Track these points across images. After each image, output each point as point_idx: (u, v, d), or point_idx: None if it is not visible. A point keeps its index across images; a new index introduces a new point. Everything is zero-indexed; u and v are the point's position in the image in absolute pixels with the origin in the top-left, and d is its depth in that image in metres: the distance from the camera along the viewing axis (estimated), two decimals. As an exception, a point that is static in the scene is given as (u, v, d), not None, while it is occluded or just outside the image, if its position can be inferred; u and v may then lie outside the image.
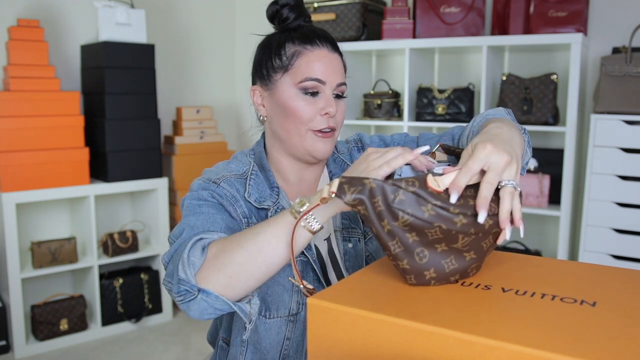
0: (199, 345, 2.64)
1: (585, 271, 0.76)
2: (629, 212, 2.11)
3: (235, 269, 0.76)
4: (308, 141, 0.96)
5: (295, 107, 0.95)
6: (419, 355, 0.57)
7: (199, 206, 0.91)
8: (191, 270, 0.77)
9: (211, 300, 0.76)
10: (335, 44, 1.00)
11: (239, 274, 0.77)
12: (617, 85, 2.10)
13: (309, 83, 0.94)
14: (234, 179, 0.97)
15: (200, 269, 0.77)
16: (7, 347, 2.49)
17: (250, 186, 0.97)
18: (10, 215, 2.42)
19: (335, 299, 0.65)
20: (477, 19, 2.45)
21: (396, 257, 0.69)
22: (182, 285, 0.77)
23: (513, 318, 0.59)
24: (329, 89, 0.96)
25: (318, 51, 0.96)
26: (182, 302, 0.78)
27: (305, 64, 0.95)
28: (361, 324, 0.61)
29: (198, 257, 0.78)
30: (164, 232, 2.87)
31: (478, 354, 0.54)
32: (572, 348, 0.51)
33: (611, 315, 0.60)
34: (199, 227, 0.86)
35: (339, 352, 0.63)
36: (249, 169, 1.00)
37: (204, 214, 0.89)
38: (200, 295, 0.76)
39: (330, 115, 0.95)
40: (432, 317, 0.59)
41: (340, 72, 0.98)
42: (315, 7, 2.68)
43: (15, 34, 2.45)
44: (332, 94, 0.96)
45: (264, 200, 0.97)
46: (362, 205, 0.68)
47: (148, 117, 2.77)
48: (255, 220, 0.95)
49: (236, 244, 0.78)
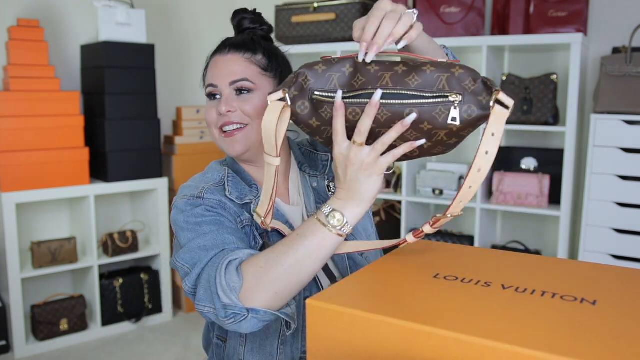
0: (199, 345, 2.64)
1: (585, 270, 0.76)
2: (629, 212, 2.11)
3: (280, 286, 0.81)
4: (220, 143, 1.03)
5: (205, 113, 1.04)
6: (418, 356, 0.57)
7: (199, 225, 0.93)
8: (234, 294, 0.81)
9: (261, 315, 0.81)
10: (237, 45, 1.02)
11: (284, 289, 0.82)
12: (617, 85, 2.10)
13: (207, 89, 1.02)
14: (214, 187, 0.99)
15: (242, 291, 0.81)
16: (7, 347, 2.49)
17: (230, 186, 1.00)
18: (10, 215, 2.42)
19: (335, 299, 0.65)
20: (477, 19, 2.45)
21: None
22: (229, 309, 0.81)
23: (513, 317, 0.59)
24: (226, 89, 1.00)
25: (214, 59, 1.03)
26: (232, 323, 0.82)
27: (207, 74, 1.04)
28: (360, 325, 0.61)
29: (237, 281, 0.81)
30: (164, 232, 2.87)
31: (477, 354, 0.54)
32: (571, 348, 0.51)
33: (611, 314, 0.60)
34: (212, 247, 0.88)
35: (339, 353, 0.63)
36: (224, 175, 1.03)
37: (207, 233, 0.91)
38: (251, 314, 0.81)
39: (220, 113, 0.99)
40: (432, 317, 0.59)
41: (238, 70, 1.00)
42: (315, 7, 2.68)
43: (15, 34, 2.45)
44: (232, 93, 1.00)
45: (245, 196, 1.00)
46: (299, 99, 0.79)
47: (148, 117, 2.77)
48: (247, 215, 0.99)
49: (275, 264, 0.81)
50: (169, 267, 2.93)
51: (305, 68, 0.79)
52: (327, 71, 0.78)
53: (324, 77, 0.78)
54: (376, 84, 0.74)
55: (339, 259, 1.04)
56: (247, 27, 1.07)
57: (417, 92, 0.72)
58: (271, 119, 0.77)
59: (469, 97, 0.71)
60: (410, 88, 0.73)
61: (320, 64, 0.78)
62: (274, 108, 0.78)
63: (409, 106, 0.72)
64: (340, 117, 0.77)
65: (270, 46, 1.05)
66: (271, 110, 0.78)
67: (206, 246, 0.89)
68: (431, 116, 0.72)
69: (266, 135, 0.78)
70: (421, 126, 0.73)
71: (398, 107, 0.73)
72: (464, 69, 0.72)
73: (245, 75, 0.99)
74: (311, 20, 2.66)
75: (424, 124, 0.73)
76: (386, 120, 0.74)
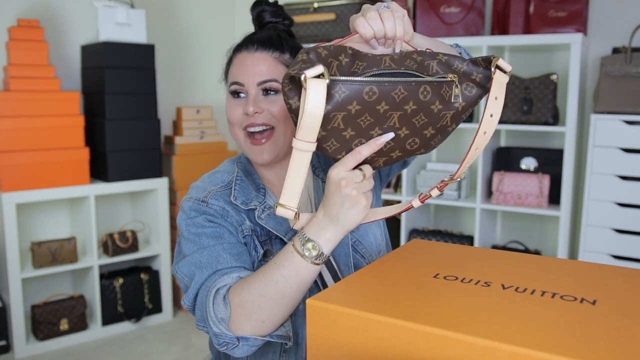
0: (199, 345, 2.64)
1: (585, 269, 0.76)
2: (629, 212, 2.11)
3: (265, 315, 0.82)
4: (245, 147, 1.00)
5: (226, 110, 1.00)
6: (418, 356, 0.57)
7: (198, 236, 0.94)
8: (223, 325, 0.83)
9: (251, 342, 0.83)
10: (264, 42, 0.99)
11: (270, 317, 0.82)
12: (617, 85, 2.10)
13: (232, 87, 0.99)
14: (220, 191, 0.99)
15: (230, 320, 0.83)
16: (7, 347, 2.49)
17: (236, 190, 0.99)
18: (10, 215, 2.42)
19: (335, 299, 0.65)
20: (477, 19, 2.45)
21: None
22: (220, 338, 0.83)
23: (513, 317, 0.59)
24: (252, 89, 0.97)
25: (240, 55, 0.99)
26: (226, 350, 0.84)
27: (231, 70, 1.00)
28: (360, 325, 0.61)
29: (224, 312, 0.83)
30: (164, 232, 2.88)
31: (477, 354, 0.54)
32: (571, 348, 0.51)
33: (611, 314, 0.60)
34: (207, 266, 0.90)
35: (339, 353, 0.63)
36: (233, 177, 1.02)
37: (206, 248, 0.92)
38: (241, 342, 0.83)
39: (248, 114, 0.95)
40: (432, 317, 0.59)
41: (266, 70, 0.97)
42: (315, 7, 2.68)
43: (15, 34, 2.45)
44: (259, 93, 0.97)
45: (250, 201, 0.99)
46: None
47: (148, 117, 2.77)
48: (248, 224, 0.97)
49: (257, 294, 0.82)
50: (169, 267, 2.93)
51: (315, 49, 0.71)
52: (329, 56, 0.72)
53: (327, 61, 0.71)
54: (380, 65, 0.73)
55: (343, 258, 1.03)
56: (268, 20, 1.03)
57: (420, 73, 0.73)
58: (318, 99, 0.66)
59: (463, 78, 0.74)
60: (412, 69, 0.73)
61: (322, 48, 0.71)
62: (318, 86, 0.66)
63: (422, 83, 0.72)
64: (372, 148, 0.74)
65: (295, 44, 1.03)
66: (315, 88, 0.65)
67: (202, 264, 0.91)
68: (440, 95, 0.73)
69: (310, 118, 0.67)
70: (432, 107, 0.73)
71: (414, 85, 0.72)
72: (448, 56, 0.75)
73: (273, 75, 0.97)
74: (311, 20, 2.67)
75: (435, 103, 0.73)
76: (402, 100, 0.72)
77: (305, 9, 2.69)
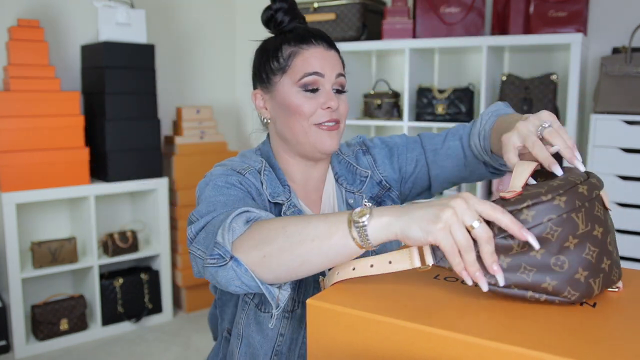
0: (199, 345, 2.64)
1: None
2: (629, 212, 2.11)
3: (271, 251, 0.72)
4: (313, 136, 0.97)
5: (297, 104, 0.97)
6: (418, 356, 0.57)
7: (227, 188, 0.89)
8: (229, 236, 0.75)
9: (240, 271, 0.73)
10: (330, 41, 1.02)
11: (273, 257, 0.72)
12: (617, 85, 2.10)
13: (308, 78, 0.96)
14: (255, 172, 0.97)
15: (238, 238, 0.75)
16: (7, 347, 2.49)
17: (265, 181, 0.98)
18: (10, 215, 2.42)
19: (335, 300, 0.65)
20: (477, 19, 2.45)
21: (538, 286, 0.62)
22: (217, 248, 0.75)
23: (512, 318, 0.59)
24: (328, 83, 0.98)
25: (314, 49, 0.98)
26: (212, 265, 0.75)
27: (302, 62, 0.97)
28: (361, 325, 0.61)
29: (240, 227, 0.76)
30: (164, 232, 2.87)
31: (477, 354, 0.54)
32: (571, 349, 0.51)
33: (611, 315, 0.60)
34: (232, 204, 0.83)
35: (339, 353, 0.63)
36: (262, 165, 1.00)
37: (233, 195, 0.87)
38: (231, 263, 0.74)
39: (332, 109, 0.97)
40: (432, 318, 0.59)
41: (338, 66, 1.00)
42: (315, 7, 2.68)
43: (15, 34, 2.45)
44: (332, 89, 0.98)
45: (278, 195, 0.98)
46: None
47: (148, 117, 2.77)
48: (272, 215, 0.94)
49: (281, 227, 0.73)
50: (169, 267, 2.93)
51: None
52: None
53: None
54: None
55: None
56: (300, 16, 1.04)
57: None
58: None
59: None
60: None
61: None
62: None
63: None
64: (512, 228, 0.61)
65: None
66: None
67: (227, 203, 0.84)
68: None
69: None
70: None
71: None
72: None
73: (343, 71, 1.01)
74: (311, 20, 2.66)
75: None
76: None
77: (305, 9, 2.69)
